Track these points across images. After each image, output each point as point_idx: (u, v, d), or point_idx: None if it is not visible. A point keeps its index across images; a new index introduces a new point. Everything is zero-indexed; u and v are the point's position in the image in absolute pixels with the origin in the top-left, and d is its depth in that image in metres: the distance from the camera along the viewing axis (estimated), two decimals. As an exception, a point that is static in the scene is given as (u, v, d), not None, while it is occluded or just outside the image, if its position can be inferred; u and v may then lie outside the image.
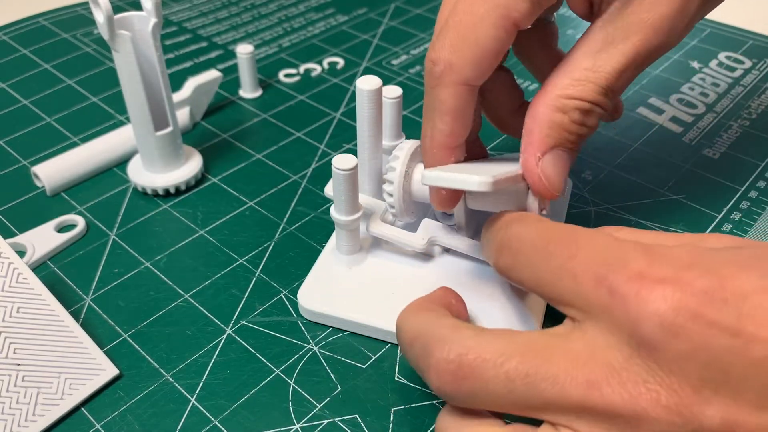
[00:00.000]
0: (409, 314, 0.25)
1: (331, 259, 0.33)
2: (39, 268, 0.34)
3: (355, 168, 0.29)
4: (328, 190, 0.34)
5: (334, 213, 0.31)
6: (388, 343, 0.30)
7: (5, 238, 0.32)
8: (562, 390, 0.20)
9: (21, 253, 0.34)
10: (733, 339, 0.18)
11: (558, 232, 0.23)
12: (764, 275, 0.18)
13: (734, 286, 0.18)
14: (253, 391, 0.28)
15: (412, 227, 0.32)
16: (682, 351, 0.18)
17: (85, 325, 0.31)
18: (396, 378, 0.29)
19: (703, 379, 0.18)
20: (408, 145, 0.31)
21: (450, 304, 0.27)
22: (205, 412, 0.28)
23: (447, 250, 0.33)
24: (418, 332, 0.24)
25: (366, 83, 0.30)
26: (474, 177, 0.24)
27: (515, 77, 0.32)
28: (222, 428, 0.27)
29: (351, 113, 0.45)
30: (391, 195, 0.30)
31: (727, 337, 0.18)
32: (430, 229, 0.32)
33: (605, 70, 0.26)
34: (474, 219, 0.31)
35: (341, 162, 0.29)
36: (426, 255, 0.32)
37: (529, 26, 0.26)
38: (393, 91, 0.32)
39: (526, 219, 0.24)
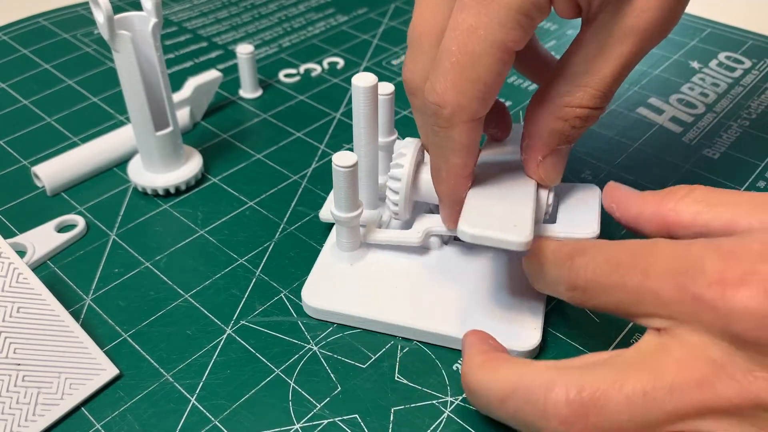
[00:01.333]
0: (484, 373, 0.25)
1: (332, 257, 0.33)
2: (39, 268, 0.34)
3: (356, 165, 0.29)
4: (323, 214, 0.35)
5: (335, 210, 0.31)
6: (388, 343, 0.30)
7: (5, 238, 0.32)
8: (680, 397, 0.21)
9: (21, 253, 0.34)
10: None
11: (622, 254, 0.23)
12: None
13: None
14: (253, 391, 0.28)
15: (407, 224, 0.33)
16: None
17: (85, 325, 0.31)
18: (396, 378, 0.29)
19: None
20: (413, 144, 0.31)
21: (497, 345, 0.27)
22: (205, 412, 0.28)
23: (446, 242, 0.33)
24: (513, 386, 0.24)
25: (362, 80, 0.30)
26: (512, 236, 0.25)
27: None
28: (222, 428, 0.27)
29: (351, 113, 0.45)
30: (396, 193, 0.31)
31: None
32: (424, 222, 0.32)
33: (603, 74, 0.26)
34: None
35: (342, 159, 0.29)
36: (424, 248, 0.33)
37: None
38: (386, 88, 0.32)
39: (585, 249, 0.25)
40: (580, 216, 0.30)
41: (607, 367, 0.22)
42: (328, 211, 0.35)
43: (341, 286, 0.32)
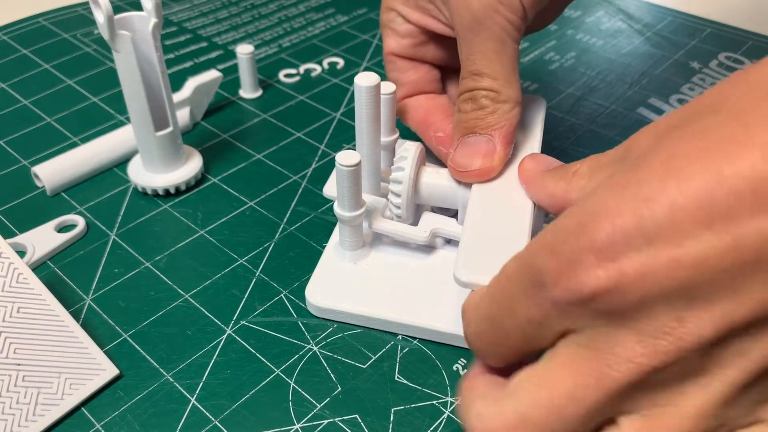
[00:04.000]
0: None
1: (335, 256, 0.33)
2: (39, 268, 0.34)
3: (359, 164, 0.29)
4: (327, 190, 0.35)
5: (338, 209, 0.31)
6: (388, 343, 0.30)
7: (5, 238, 0.32)
8: (583, 402, 0.20)
9: (21, 253, 0.34)
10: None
11: (491, 306, 0.22)
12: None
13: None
14: (253, 391, 0.28)
15: (412, 221, 0.33)
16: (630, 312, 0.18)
17: (85, 325, 0.31)
18: (396, 378, 0.29)
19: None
20: (414, 148, 0.31)
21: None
22: (205, 412, 0.28)
23: (448, 241, 0.33)
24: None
25: (364, 79, 0.30)
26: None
27: None
28: (222, 428, 0.27)
29: (351, 113, 0.45)
30: (398, 196, 0.31)
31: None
32: (431, 221, 0.32)
33: (465, 59, 0.30)
34: None
35: (345, 158, 0.29)
36: (428, 247, 0.33)
37: None
38: (387, 87, 0.32)
39: (465, 312, 0.24)
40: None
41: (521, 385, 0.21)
42: (331, 187, 0.34)
43: (345, 284, 0.32)
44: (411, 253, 0.33)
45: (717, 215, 0.17)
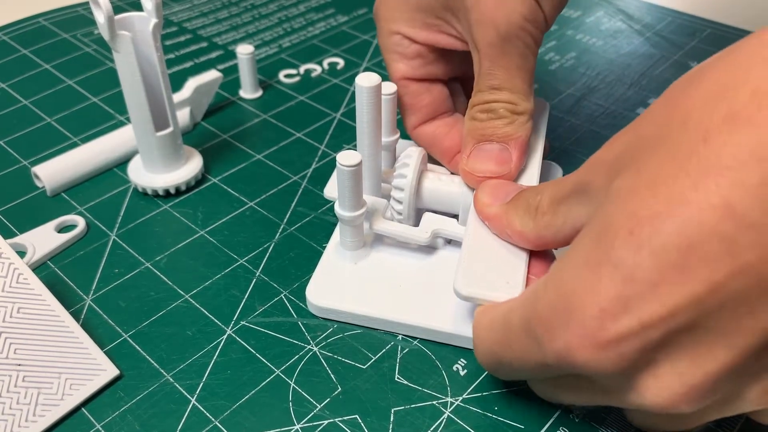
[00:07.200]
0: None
1: (336, 256, 0.33)
2: (39, 269, 0.34)
3: (360, 164, 0.29)
4: (328, 191, 0.35)
5: (339, 209, 0.31)
6: (388, 343, 0.30)
7: (5, 238, 0.32)
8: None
9: (21, 254, 0.34)
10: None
11: (495, 346, 0.25)
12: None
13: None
14: (253, 391, 0.28)
15: (413, 222, 0.33)
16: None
17: (85, 326, 0.31)
18: (396, 378, 0.29)
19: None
20: (416, 153, 0.32)
21: None
22: (205, 412, 0.28)
23: (449, 242, 0.33)
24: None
25: (366, 80, 0.30)
26: (503, 295, 0.26)
27: None
28: (222, 428, 0.27)
29: (351, 114, 0.45)
30: (400, 202, 0.31)
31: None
32: (432, 221, 0.32)
33: (482, 73, 0.30)
34: None
35: (346, 158, 0.29)
36: (429, 247, 0.33)
37: None
38: (388, 88, 0.32)
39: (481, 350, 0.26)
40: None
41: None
42: (332, 189, 0.35)
43: (345, 284, 0.32)
44: (412, 253, 0.33)
45: (694, 263, 0.19)
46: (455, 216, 0.32)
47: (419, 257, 0.33)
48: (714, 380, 0.20)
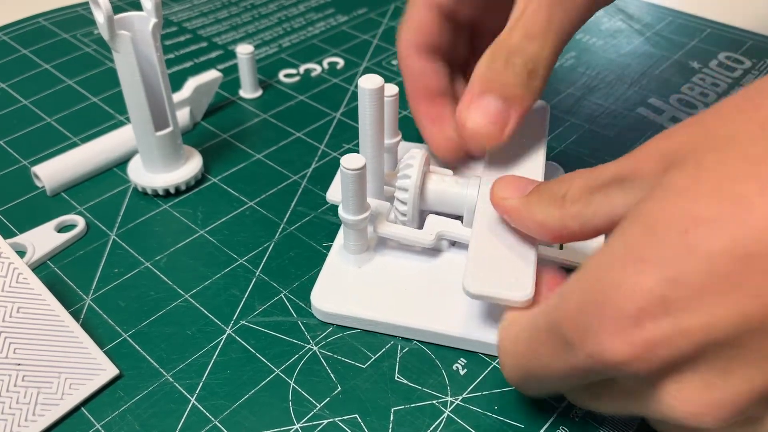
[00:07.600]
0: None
1: (339, 260, 0.33)
2: (39, 268, 0.34)
3: (364, 167, 0.29)
4: (330, 195, 0.35)
5: (343, 213, 0.31)
6: (388, 343, 0.30)
7: (5, 238, 0.32)
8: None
9: (21, 253, 0.34)
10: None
11: (524, 361, 0.24)
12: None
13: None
14: (253, 391, 0.28)
15: (417, 224, 0.33)
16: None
17: (85, 325, 0.31)
18: (396, 378, 0.29)
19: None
20: (420, 155, 0.31)
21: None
22: (205, 412, 0.28)
23: (453, 244, 0.33)
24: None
25: (368, 82, 0.29)
26: (512, 293, 0.26)
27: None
28: (222, 428, 0.27)
29: (351, 113, 0.45)
30: (404, 203, 0.31)
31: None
32: (436, 224, 0.32)
33: (518, 14, 0.29)
34: None
35: (350, 161, 0.29)
36: (434, 250, 0.33)
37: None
38: (390, 90, 0.32)
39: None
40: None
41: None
42: (334, 192, 0.35)
43: (350, 289, 0.31)
44: (416, 256, 0.33)
45: (736, 280, 0.17)
46: (459, 218, 0.32)
47: (424, 260, 0.33)
48: (745, 401, 0.19)
